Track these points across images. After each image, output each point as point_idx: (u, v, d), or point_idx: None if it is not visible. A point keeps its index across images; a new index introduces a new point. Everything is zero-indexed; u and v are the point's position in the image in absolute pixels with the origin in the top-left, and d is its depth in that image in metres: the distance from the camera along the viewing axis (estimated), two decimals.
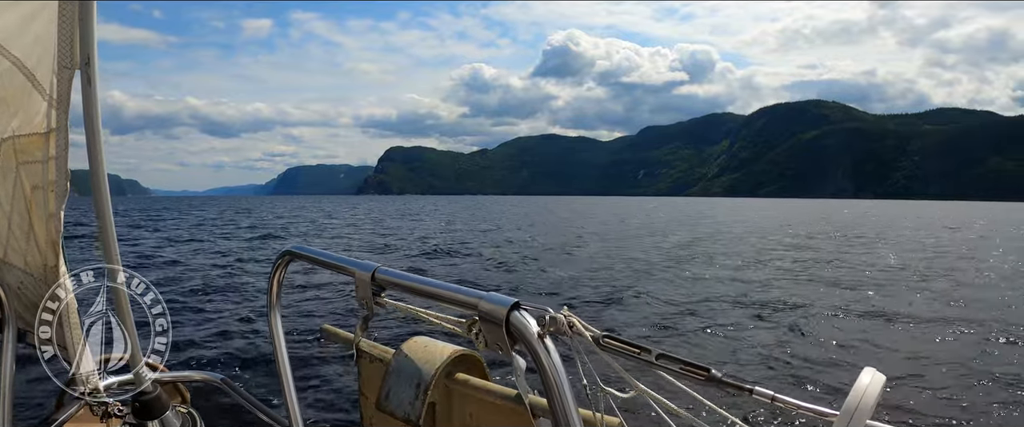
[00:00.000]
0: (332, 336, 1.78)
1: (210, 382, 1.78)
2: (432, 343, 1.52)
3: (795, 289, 11.81)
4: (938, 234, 33.01)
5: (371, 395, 1.55)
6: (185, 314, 8.45)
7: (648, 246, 22.40)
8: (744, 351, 6.96)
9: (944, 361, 6.55)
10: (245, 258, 16.24)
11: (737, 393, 0.70)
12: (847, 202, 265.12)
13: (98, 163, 1.21)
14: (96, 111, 1.18)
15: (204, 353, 6.46)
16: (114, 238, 1.26)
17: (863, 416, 0.60)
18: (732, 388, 0.70)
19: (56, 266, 1.31)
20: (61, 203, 1.28)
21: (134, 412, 1.40)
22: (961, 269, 15.72)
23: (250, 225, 35.13)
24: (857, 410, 0.60)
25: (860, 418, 0.60)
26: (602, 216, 56.47)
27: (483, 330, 0.81)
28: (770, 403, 0.68)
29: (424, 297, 0.92)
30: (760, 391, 0.68)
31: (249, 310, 8.68)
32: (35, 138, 1.23)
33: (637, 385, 0.78)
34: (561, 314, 0.79)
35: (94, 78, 1.16)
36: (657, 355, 0.74)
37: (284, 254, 1.22)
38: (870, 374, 0.64)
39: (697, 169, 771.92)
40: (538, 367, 0.75)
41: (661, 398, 0.78)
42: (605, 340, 0.78)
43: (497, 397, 1.33)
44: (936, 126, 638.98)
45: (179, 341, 6.81)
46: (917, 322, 8.68)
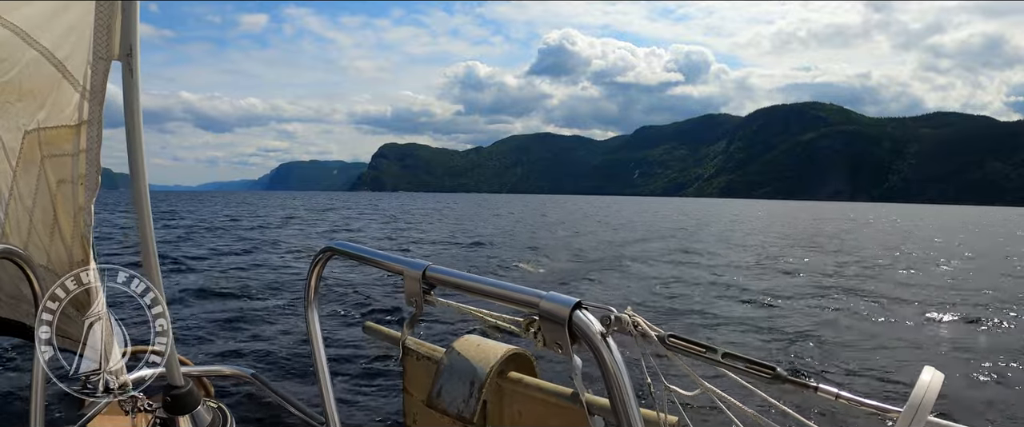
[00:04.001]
0: (375, 333, 1.77)
1: (240, 376, 1.77)
2: (484, 341, 1.50)
3: (849, 288, 12.24)
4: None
5: (417, 393, 1.54)
6: (217, 309, 8.34)
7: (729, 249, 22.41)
8: (800, 348, 7.20)
9: (996, 357, 6.91)
10: (282, 253, 16.38)
11: (802, 391, 0.70)
12: (851, 205, 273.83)
13: (138, 155, 1.18)
14: (138, 102, 1.16)
15: (235, 348, 6.44)
16: (151, 232, 1.25)
17: (925, 412, 0.61)
18: (797, 386, 0.70)
19: (84, 261, 1.29)
20: (92, 196, 1.26)
21: (165, 407, 1.39)
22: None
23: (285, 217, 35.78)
24: (920, 406, 0.61)
25: (923, 414, 0.61)
26: (630, 215, 57.54)
27: (543, 329, 0.80)
28: (834, 400, 0.68)
29: (479, 295, 0.91)
30: (824, 389, 0.68)
31: (286, 305, 8.65)
32: (63, 130, 1.20)
33: (704, 384, 0.78)
34: (626, 314, 0.78)
35: (136, 69, 1.15)
36: (723, 354, 0.73)
37: (325, 250, 1.20)
38: (930, 372, 0.65)
39: (693, 169, 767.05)
40: (601, 366, 0.74)
41: (727, 397, 0.78)
42: (670, 340, 0.77)
43: (550, 395, 1.32)
44: (933, 130, 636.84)
45: (210, 335, 6.93)
46: (969, 321, 9.10)
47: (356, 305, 8.61)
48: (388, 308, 8.45)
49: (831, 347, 7.20)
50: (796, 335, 7.82)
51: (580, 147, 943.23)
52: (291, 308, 8.40)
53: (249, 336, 6.89)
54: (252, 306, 8.61)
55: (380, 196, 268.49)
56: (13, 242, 1.18)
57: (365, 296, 9.19)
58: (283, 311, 8.23)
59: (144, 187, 1.23)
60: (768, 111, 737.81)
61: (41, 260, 1.26)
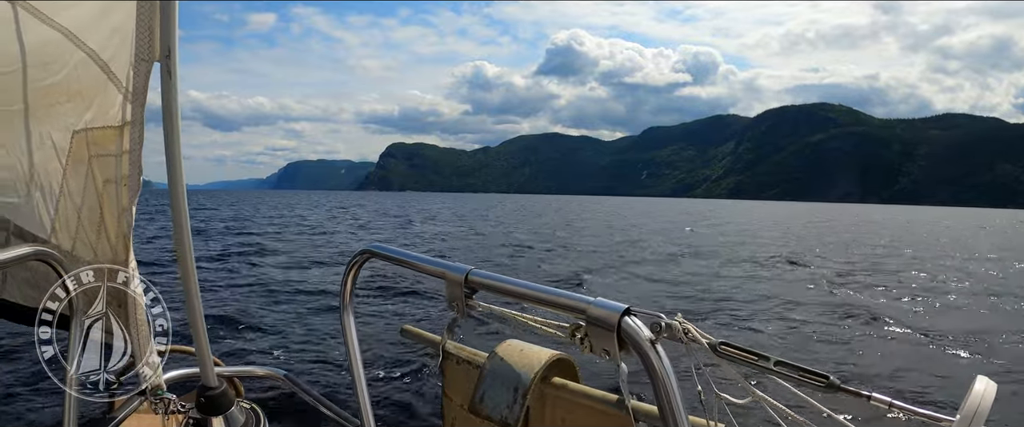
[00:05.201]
0: (414, 336, 1.77)
1: (273, 377, 1.76)
2: (528, 347, 1.49)
3: (899, 295, 11.80)
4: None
5: (457, 398, 1.52)
6: (251, 310, 8.26)
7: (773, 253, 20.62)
8: (852, 356, 7.06)
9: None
10: (316, 256, 15.76)
11: (855, 400, 0.70)
12: (866, 208, 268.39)
13: (175, 155, 1.19)
14: (176, 103, 1.17)
15: (269, 350, 6.36)
16: (188, 233, 1.26)
17: (978, 423, 0.61)
18: (850, 395, 0.69)
19: (126, 260, 1.30)
20: (134, 197, 1.27)
21: (198, 407, 1.38)
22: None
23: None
24: (974, 417, 0.61)
25: (976, 425, 0.61)
26: (662, 216, 55.69)
27: (590, 335, 0.80)
28: (887, 409, 0.68)
29: (524, 301, 0.90)
30: (878, 398, 0.68)
31: (321, 308, 8.56)
32: (109, 131, 1.21)
33: (756, 392, 0.78)
34: (676, 320, 0.78)
35: (174, 70, 1.16)
36: (775, 362, 0.73)
37: (362, 252, 1.20)
38: (984, 382, 0.65)
39: (701, 170, 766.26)
40: (650, 373, 0.74)
41: (779, 405, 0.76)
42: (722, 347, 0.76)
43: (595, 401, 1.31)
44: (943, 131, 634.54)
45: (242, 336, 6.88)
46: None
47: (393, 308, 8.59)
48: (425, 311, 8.44)
49: (880, 353, 7.16)
50: (849, 341, 7.78)
51: (588, 147, 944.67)
52: (327, 310, 8.36)
53: (283, 337, 6.84)
54: (287, 307, 8.59)
55: (414, 196, 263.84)
56: (62, 238, 1.22)
57: (401, 299, 9.20)
58: (318, 313, 8.18)
59: (182, 188, 1.24)
60: (777, 112, 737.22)
61: (87, 257, 1.28)
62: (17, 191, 1.08)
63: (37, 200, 1.13)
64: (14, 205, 1.09)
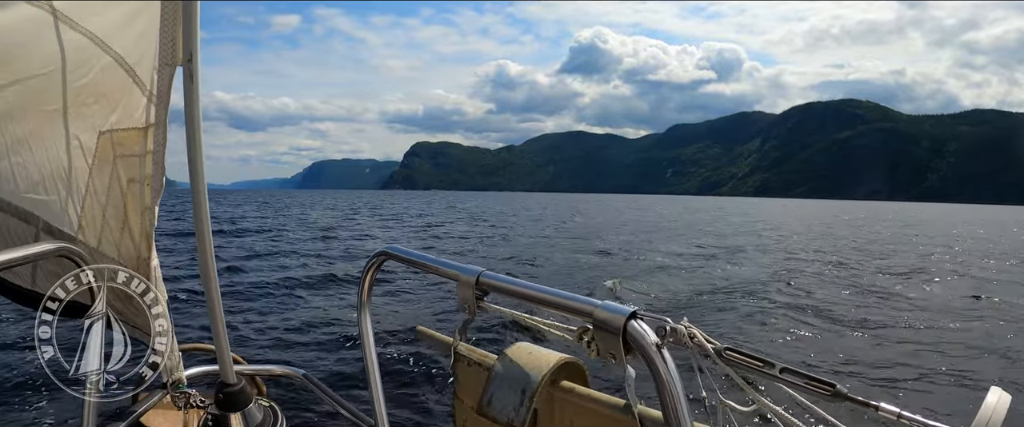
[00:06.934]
0: (427, 338, 1.74)
1: (291, 376, 1.79)
2: (536, 349, 1.49)
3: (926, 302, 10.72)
4: None
5: (468, 399, 1.52)
6: (269, 310, 8.38)
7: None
8: (861, 364, 6.59)
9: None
10: (333, 257, 15.68)
11: (862, 409, 0.69)
12: (898, 205, 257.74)
13: (197, 157, 1.25)
14: (197, 106, 1.24)
15: (287, 349, 6.43)
16: (209, 233, 1.31)
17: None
18: (857, 404, 0.69)
19: (148, 259, 1.35)
20: (157, 197, 1.32)
21: (217, 403, 1.42)
22: None
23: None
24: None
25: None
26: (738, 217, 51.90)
27: (596, 338, 0.80)
28: (895, 420, 0.67)
29: (533, 303, 0.91)
30: (886, 408, 0.67)
31: (337, 308, 8.56)
32: (133, 132, 1.26)
33: (761, 399, 0.77)
34: (681, 325, 0.78)
35: (196, 74, 1.22)
36: (781, 369, 0.72)
37: (379, 254, 1.23)
38: (997, 394, 0.63)
39: (726, 168, 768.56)
40: (655, 378, 0.74)
41: (784, 413, 0.76)
42: (727, 353, 0.76)
43: (602, 405, 1.30)
44: (972, 127, 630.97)
45: (261, 335, 6.91)
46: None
47: (409, 309, 8.52)
48: (441, 313, 8.36)
49: (889, 359, 6.75)
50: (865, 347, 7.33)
51: (612, 145, 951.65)
52: (343, 310, 8.34)
53: (301, 337, 6.85)
54: (305, 307, 8.61)
55: (447, 195, 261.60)
56: (88, 235, 1.25)
57: (418, 300, 9.14)
58: (335, 313, 8.14)
59: (203, 188, 1.28)
60: (803, 109, 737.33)
61: (112, 253, 1.32)
62: (47, 188, 1.12)
63: (65, 198, 1.17)
64: (45, 202, 1.13)
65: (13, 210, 1.09)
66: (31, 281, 1.18)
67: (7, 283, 1.21)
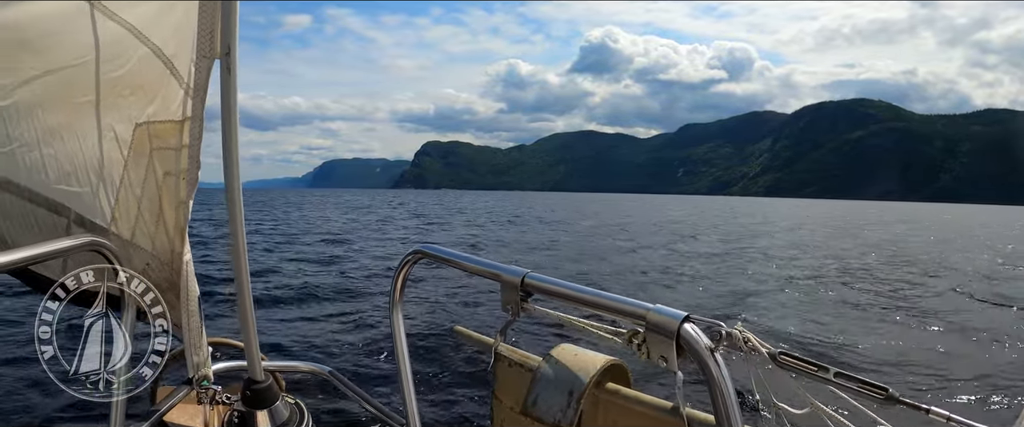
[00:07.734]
0: (465, 338, 1.73)
1: (318, 374, 1.77)
2: (582, 351, 1.49)
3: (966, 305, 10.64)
4: None
5: (508, 400, 1.52)
6: (297, 307, 8.34)
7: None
8: (912, 367, 6.46)
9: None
10: (368, 255, 15.66)
11: (913, 413, 0.69)
12: (914, 206, 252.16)
13: (232, 150, 1.24)
14: (234, 100, 1.23)
15: (315, 346, 6.37)
16: (242, 229, 1.30)
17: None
18: (909, 408, 0.69)
19: (181, 253, 1.34)
20: (192, 191, 1.31)
21: (244, 400, 1.41)
22: None
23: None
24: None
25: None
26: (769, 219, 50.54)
27: (648, 341, 0.79)
28: (945, 424, 0.67)
29: (582, 306, 0.90)
30: (937, 412, 0.67)
31: (370, 307, 8.47)
32: (170, 125, 1.25)
33: (815, 403, 0.77)
34: (736, 329, 0.78)
35: (234, 67, 1.21)
36: (835, 373, 0.73)
37: (413, 252, 1.21)
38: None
39: (738, 168, 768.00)
40: (709, 381, 0.74)
41: (838, 416, 0.76)
42: (781, 357, 0.76)
43: (649, 408, 1.30)
44: (985, 127, 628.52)
45: (289, 332, 6.90)
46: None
47: (442, 308, 8.39)
48: (473, 311, 8.36)
49: (938, 361, 6.70)
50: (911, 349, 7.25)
51: (623, 145, 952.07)
52: (376, 308, 8.26)
53: (330, 335, 6.81)
54: (335, 305, 8.58)
55: (461, 194, 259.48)
56: (122, 227, 1.24)
57: (451, 299, 8.99)
58: (367, 311, 8.07)
59: (237, 183, 1.27)
60: (815, 108, 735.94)
61: (147, 246, 1.30)
62: (79, 180, 1.11)
63: (98, 190, 1.16)
64: (77, 193, 1.12)
65: (43, 201, 1.08)
66: (61, 274, 1.15)
67: (38, 276, 1.20)
